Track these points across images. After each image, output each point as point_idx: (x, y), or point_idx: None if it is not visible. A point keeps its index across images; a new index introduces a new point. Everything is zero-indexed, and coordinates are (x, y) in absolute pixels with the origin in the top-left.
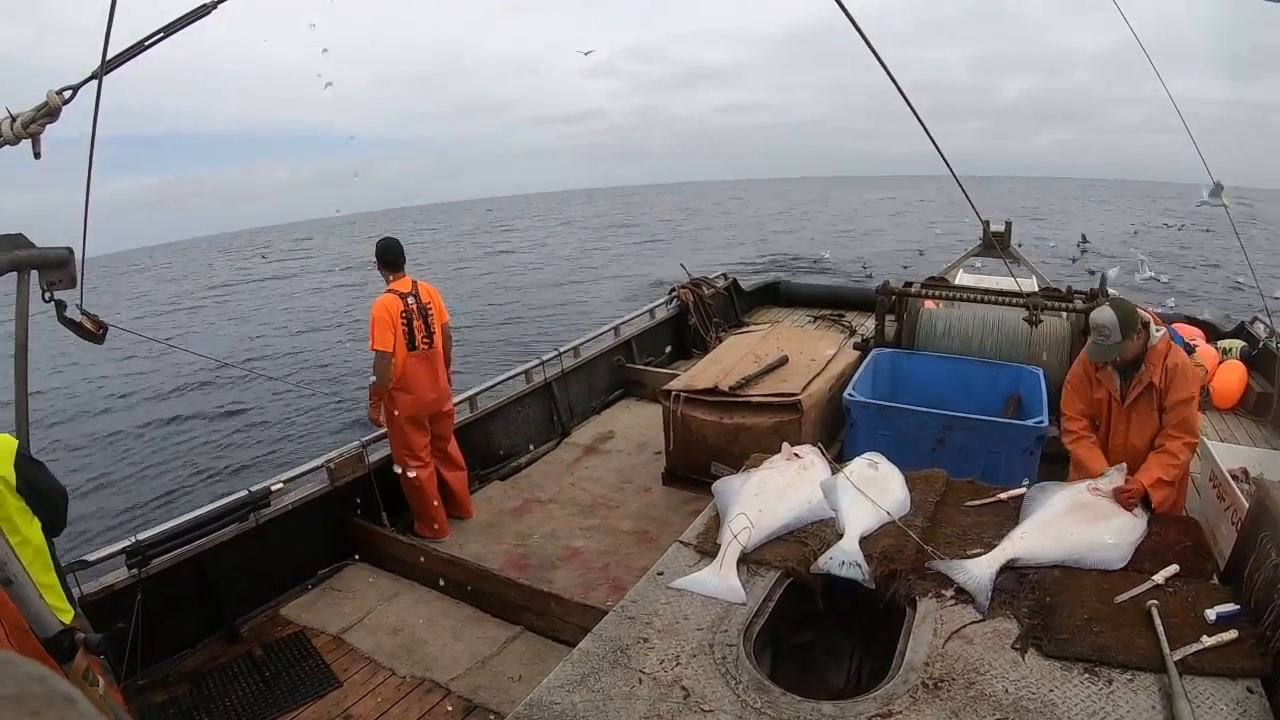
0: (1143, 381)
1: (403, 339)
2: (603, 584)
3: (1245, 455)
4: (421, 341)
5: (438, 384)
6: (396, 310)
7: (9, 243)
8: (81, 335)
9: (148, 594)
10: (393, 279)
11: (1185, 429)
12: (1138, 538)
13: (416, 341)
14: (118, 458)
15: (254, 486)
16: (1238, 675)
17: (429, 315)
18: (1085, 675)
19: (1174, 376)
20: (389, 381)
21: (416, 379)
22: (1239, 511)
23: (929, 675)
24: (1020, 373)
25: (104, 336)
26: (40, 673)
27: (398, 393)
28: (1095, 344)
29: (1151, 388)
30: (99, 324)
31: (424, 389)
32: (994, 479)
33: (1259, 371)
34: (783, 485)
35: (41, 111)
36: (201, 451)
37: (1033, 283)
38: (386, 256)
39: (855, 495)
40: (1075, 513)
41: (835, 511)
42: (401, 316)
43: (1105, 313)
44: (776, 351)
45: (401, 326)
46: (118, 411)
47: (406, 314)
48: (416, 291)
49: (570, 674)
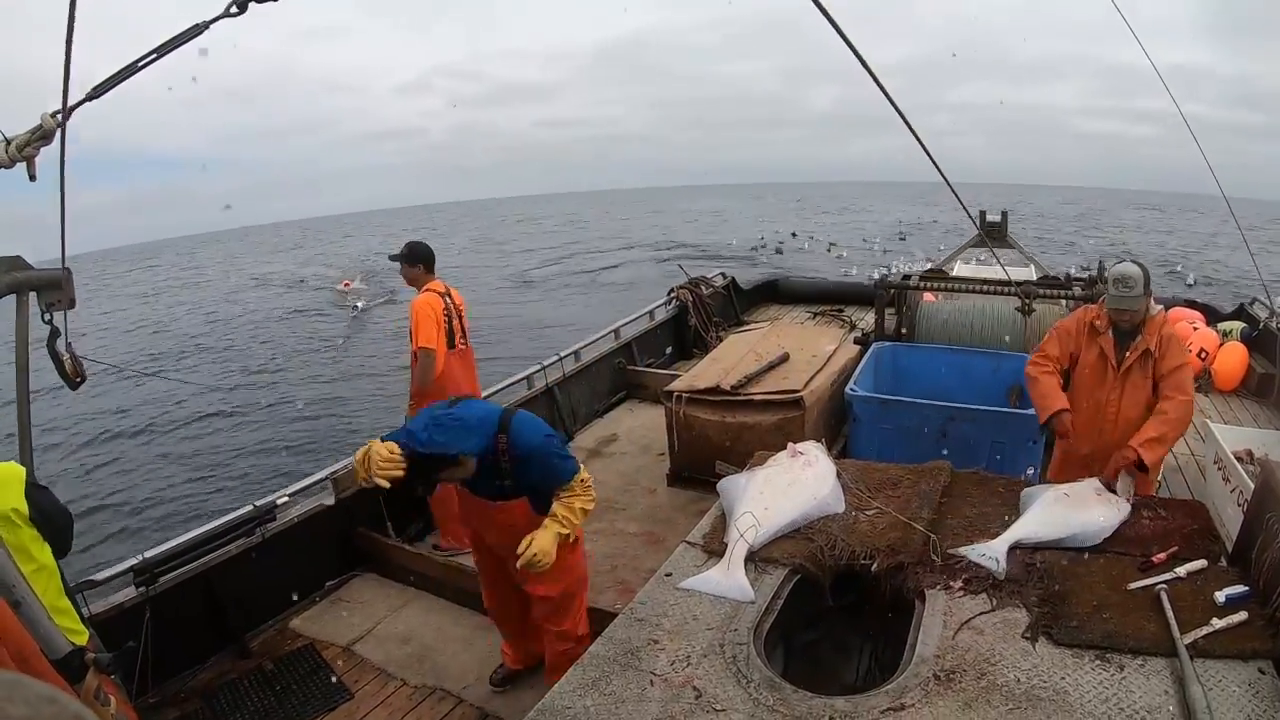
0: (1138, 348)
1: (444, 338)
2: (611, 587)
3: (1249, 437)
4: (460, 341)
5: (474, 381)
6: (440, 309)
7: (7, 264)
8: (60, 373)
9: (156, 611)
10: (428, 281)
11: (1180, 389)
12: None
13: (455, 340)
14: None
15: (259, 501)
16: (1249, 657)
17: (462, 316)
18: (1096, 662)
19: (1168, 344)
20: (433, 379)
21: (456, 376)
22: (1245, 493)
23: (940, 667)
24: (1021, 362)
25: (79, 385)
26: (51, 694)
27: (439, 391)
28: (1118, 295)
29: (1148, 354)
30: (78, 371)
31: (463, 386)
32: (998, 469)
33: (1260, 353)
34: (787, 482)
35: (36, 134)
36: (205, 468)
37: (1030, 271)
38: (426, 258)
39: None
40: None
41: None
42: (444, 315)
43: (1129, 265)
44: (777, 349)
45: (444, 325)
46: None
47: (447, 313)
48: (450, 293)
49: (581, 678)
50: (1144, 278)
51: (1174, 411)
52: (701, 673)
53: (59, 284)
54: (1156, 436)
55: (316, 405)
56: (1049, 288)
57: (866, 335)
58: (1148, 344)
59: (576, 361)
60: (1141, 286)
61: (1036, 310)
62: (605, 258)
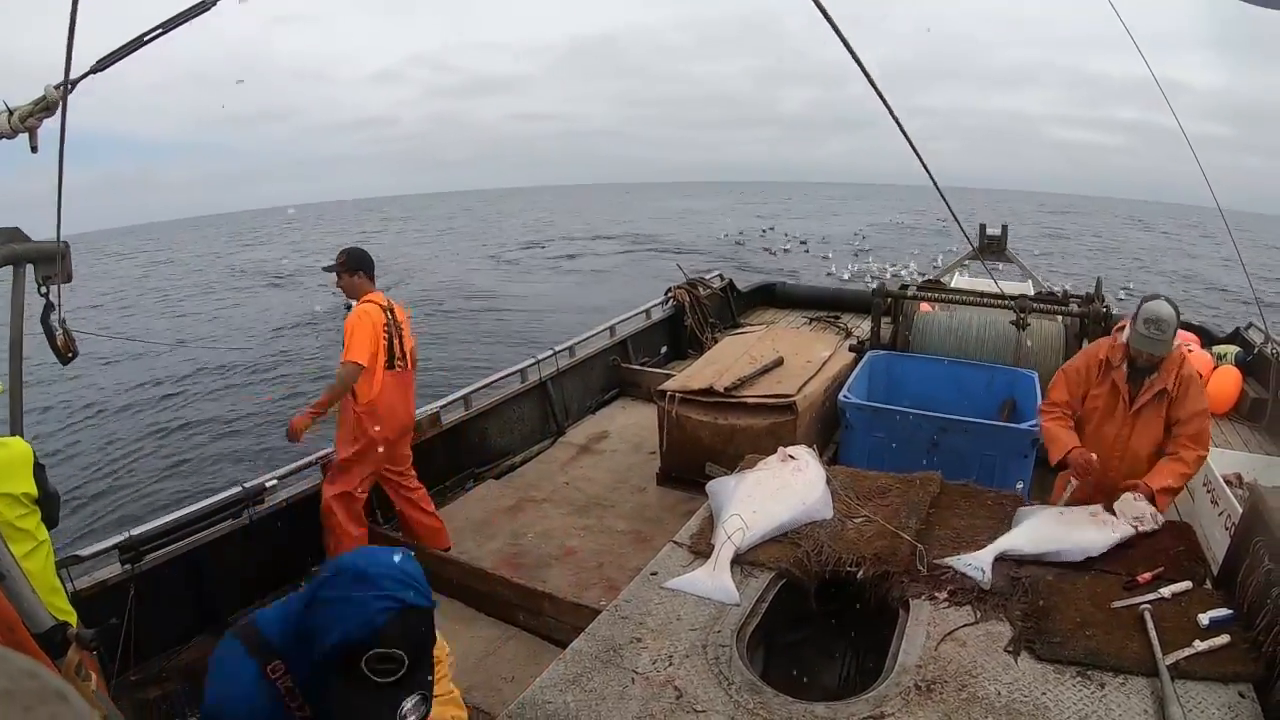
0: (1154, 387)
1: (383, 354)
2: (597, 584)
3: (1239, 461)
4: (400, 361)
5: (410, 406)
6: (380, 322)
7: (6, 236)
8: (50, 345)
9: (141, 589)
10: (368, 290)
11: (1200, 442)
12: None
13: (395, 360)
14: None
15: (248, 483)
16: (1230, 680)
17: (405, 334)
18: (1078, 679)
19: (1188, 387)
20: (343, 394)
21: (391, 400)
22: (1233, 517)
23: (921, 677)
24: (1015, 375)
25: (70, 360)
26: (32, 668)
27: (372, 413)
28: (1148, 336)
29: (1164, 394)
30: (70, 346)
31: (398, 411)
32: (989, 482)
33: (1253, 377)
34: (777, 486)
35: (39, 105)
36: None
37: (1028, 286)
38: (365, 265)
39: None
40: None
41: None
42: (384, 330)
43: (1165, 307)
44: (772, 353)
45: (383, 341)
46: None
47: (388, 329)
48: (392, 308)
49: (563, 673)
50: (1176, 320)
51: (1191, 466)
52: (683, 673)
53: (56, 257)
54: (1173, 487)
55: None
56: (1045, 303)
57: (862, 343)
58: (1165, 384)
59: (571, 357)
60: (1173, 330)
61: (1031, 325)
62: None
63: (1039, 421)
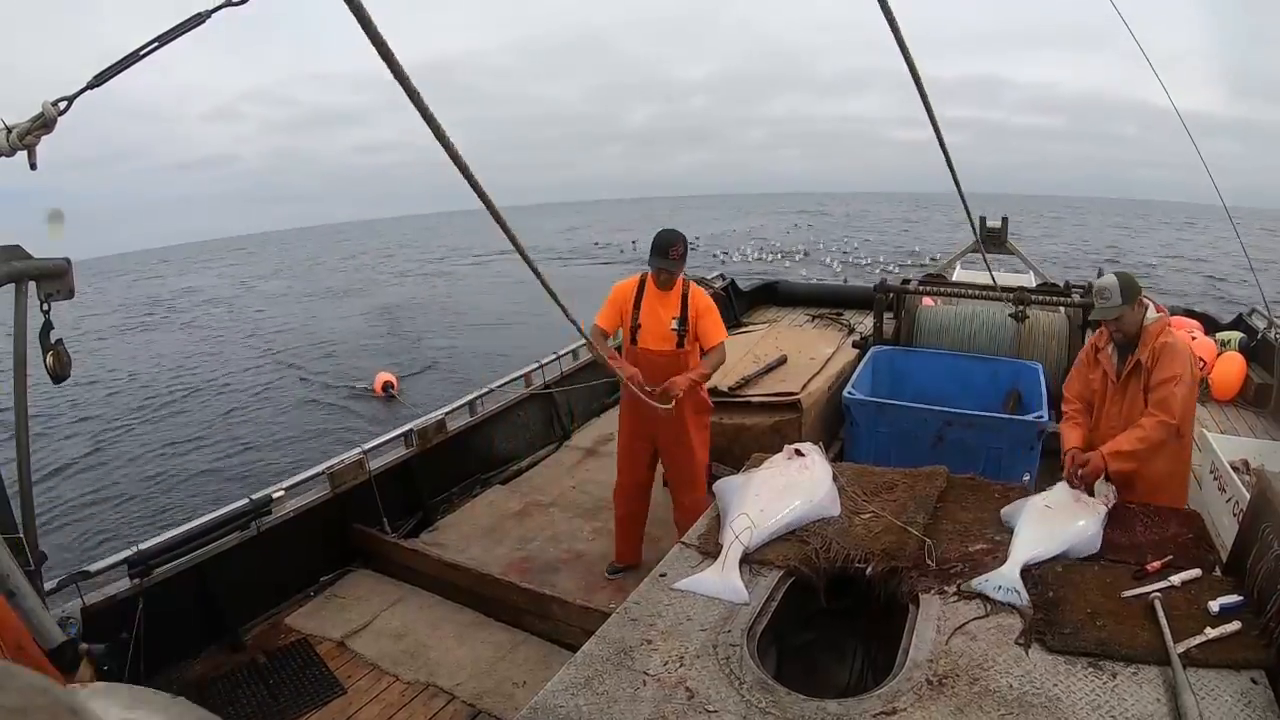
0: (1130, 361)
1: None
2: (605, 586)
3: (1245, 447)
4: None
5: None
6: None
7: (6, 254)
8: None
9: (150, 603)
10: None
11: (1162, 407)
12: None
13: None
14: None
15: (255, 494)
16: (1241, 666)
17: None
18: (1089, 669)
19: (1160, 355)
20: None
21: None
22: (1240, 503)
23: (933, 672)
24: (1019, 368)
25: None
26: (44, 684)
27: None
28: (1097, 307)
29: (1139, 366)
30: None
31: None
32: (995, 475)
33: (1258, 363)
34: (784, 484)
35: (37, 123)
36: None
37: (1029, 278)
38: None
39: (1036, 522)
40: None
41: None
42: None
43: (1108, 277)
44: (775, 351)
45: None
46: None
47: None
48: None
49: (574, 677)
50: (1124, 288)
51: (1149, 430)
52: (694, 673)
53: (59, 274)
54: (1127, 451)
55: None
56: (1047, 294)
57: (865, 339)
58: (1139, 356)
59: (574, 360)
60: (1117, 297)
61: (1032, 317)
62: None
63: (1044, 413)
